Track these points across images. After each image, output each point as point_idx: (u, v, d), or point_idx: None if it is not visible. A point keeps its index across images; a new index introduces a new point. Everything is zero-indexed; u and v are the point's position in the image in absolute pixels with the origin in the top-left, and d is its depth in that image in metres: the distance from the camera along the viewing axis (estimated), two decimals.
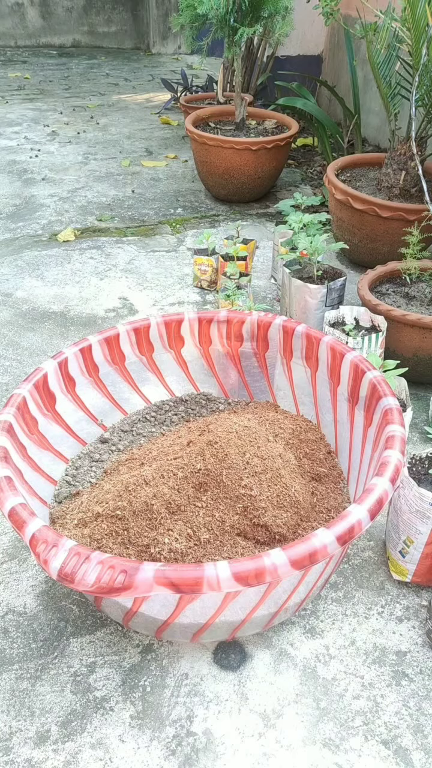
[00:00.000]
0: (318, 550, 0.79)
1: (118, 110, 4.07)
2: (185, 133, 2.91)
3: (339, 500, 1.15)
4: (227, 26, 2.39)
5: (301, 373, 1.33)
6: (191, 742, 0.89)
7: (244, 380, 1.43)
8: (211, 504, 1.00)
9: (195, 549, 0.96)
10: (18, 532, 0.83)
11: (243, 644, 1.02)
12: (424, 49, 1.77)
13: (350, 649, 1.02)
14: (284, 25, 2.54)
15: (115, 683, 0.96)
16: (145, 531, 0.96)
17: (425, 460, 1.12)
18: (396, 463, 0.92)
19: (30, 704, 0.94)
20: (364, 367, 1.16)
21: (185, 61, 5.57)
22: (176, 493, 1.00)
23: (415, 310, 1.60)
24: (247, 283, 1.82)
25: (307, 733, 0.90)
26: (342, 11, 2.31)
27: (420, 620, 1.06)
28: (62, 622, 1.05)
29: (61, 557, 0.77)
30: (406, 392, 1.31)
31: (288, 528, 1.02)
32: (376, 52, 1.97)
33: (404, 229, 1.79)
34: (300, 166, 3.20)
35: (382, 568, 1.15)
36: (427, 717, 0.93)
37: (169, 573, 0.75)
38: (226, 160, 2.53)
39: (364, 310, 1.53)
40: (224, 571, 0.75)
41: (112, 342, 1.30)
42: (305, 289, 1.63)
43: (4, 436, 1.00)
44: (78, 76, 4.92)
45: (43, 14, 5.86)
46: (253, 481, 1.02)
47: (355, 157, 2.33)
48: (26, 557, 1.16)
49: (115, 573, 0.74)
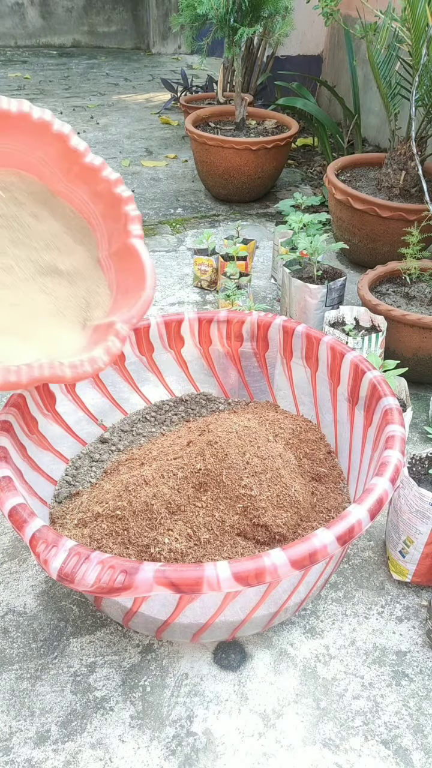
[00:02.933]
0: (318, 550, 0.79)
1: (118, 110, 4.07)
2: (185, 133, 2.91)
3: (339, 500, 1.15)
4: (227, 26, 2.39)
5: (301, 373, 1.33)
6: (191, 742, 0.89)
7: (244, 380, 1.43)
8: (211, 504, 1.00)
9: (195, 549, 0.96)
10: (18, 532, 0.83)
11: (243, 644, 1.02)
12: (424, 49, 1.77)
13: (350, 649, 1.02)
14: (284, 25, 2.54)
15: (115, 683, 0.96)
16: (145, 531, 0.96)
17: (425, 460, 1.12)
18: (396, 463, 0.92)
19: (30, 704, 0.94)
20: (364, 367, 1.16)
21: (185, 61, 5.57)
22: (176, 493, 1.00)
23: (415, 310, 1.60)
24: (247, 283, 1.82)
25: (307, 733, 0.90)
26: (342, 11, 2.31)
27: (420, 620, 1.06)
28: (62, 622, 1.05)
29: (61, 557, 0.77)
30: (406, 392, 1.31)
31: (288, 528, 1.02)
32: (376, 52, 1.98)
33: (404, 229, 1.79)
34: (300, 166, 3.20)
35: (382, 568, 1.15)
36: (427, 717, 0.93)
37: (169, 573, 0.75)
38: (226, 160, 2.53)
39: (364, 310, 1.53)
40: (224, 571, 0.75)
41: None
42: (305, 289, 1.63)
43: (4, 436, 1.00)
44: (78, 76, 4.92)
45: (43, 14, 5.86)
46: (253, 481, 1.02)
47: (355, 157, 2.33)
48: (26, 557, 1.16)
49: (115, 573, 0.74)
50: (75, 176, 1.07)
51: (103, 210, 1.08)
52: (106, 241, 1.11)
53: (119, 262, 1.09)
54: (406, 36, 1.83)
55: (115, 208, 1.06)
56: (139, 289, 1.03)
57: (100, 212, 1.09)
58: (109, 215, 1.08)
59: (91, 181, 1.06)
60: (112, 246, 1.10)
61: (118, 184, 1.05)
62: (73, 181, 1.07)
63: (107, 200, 1.07)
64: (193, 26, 2.53)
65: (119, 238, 1.08)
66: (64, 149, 1.03)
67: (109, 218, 1.08)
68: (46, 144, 1.02)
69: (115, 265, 1.10)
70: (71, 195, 1.09)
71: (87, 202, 1.09)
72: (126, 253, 1.07)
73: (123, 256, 1.08)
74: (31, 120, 0.97)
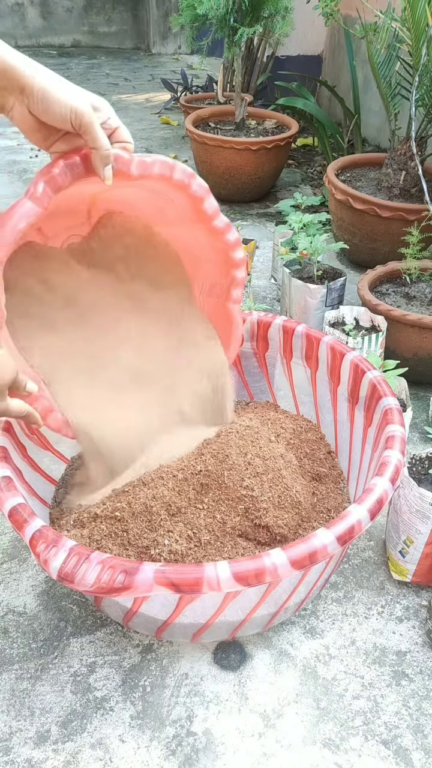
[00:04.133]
0: (318, 550, 0.79)
1: (118, 110, 4.07)
2: (185, 133, 2.91)
3: (339, 500, 1.15)
4: (227, 26, 2.39)
5: (301, 373, 1.33)
6: (191, 742, 0.89)
7: (244, 380, 1.43)
8: (212, 506, 1.00)
9: (195, 550, 0.95)
10: (18, 532, 0.83)
11: (243, 644, 1.02)
12: (424, 49, 1.77)
13: (350, 649, 1.02)
14: (284, 25, 2.54)
15: (115, 683, 0.96)
16: (145, 533, 0.96)
17: (425, 460, 1.12)
18: (396, 463, 0.92)
19: (30, 704, 0.94)
20: (364, 367, 1.16)
21: (185, 61, 5.57)
22: (176, 495, 1.00)
23: (415, 310, 1.60)
24: (247, 283, 1.82)
25: (307, 733, 0.90)
26: (342, 11, 2.31)
27: (420, 620, 1.06)
28: (62, 622, 1.05)
29: (61, 557, 0.77)
30: (406, 392, 1.31)
31: (289, 528, 1.02)
32: (376, 52, 1.98)
33: (404, 229, 1.79)
34: (300, 166, 3.20)
35: (382, 568, 1.15)
36: (427, 717, 0.93)
37: (169, 573, 0.75)
38: (226, 160, 2.53)
39: (364, 310, 1.53)
40: (224, 571, 0.75)
41: None
42: (305, 289, 1.63)
43: (4, 436, 1.00)
44: (78, 76, 4.92)
45: (43, 14, 5.86)
46: (255, 481, 1.01)
47: (355, 157, 2.33)
48: (26, 557, 1.16)
49: (115, 573, 0.74)
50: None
51: (214, 260, 1.09)
52: (208, 285, 1.12)
53: (211, 314, 1.13)
54: (406, 36, 1.83)
55: (226, 264, 1.07)
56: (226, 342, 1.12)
57: (208, 259, 1.10)
58: (217, 268, 1.09)
59: (213, 237, 1.07)
60: (212, 296, 1.12)
61: (235, 246, 1.06)
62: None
63: (220, 255, 1.07)
64: (193, 26, 2.53)
65: (219, 294, 1.10)
66: (197, 210, 1.02)
67: (217, 271, 1.10)
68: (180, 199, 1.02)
69: (207, 312, 1.14)
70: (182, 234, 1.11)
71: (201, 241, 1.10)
72: (221, 312, 1.11)
73: (216, 311, 1.12)
74: (173, 181, 0.95)
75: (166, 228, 1.08)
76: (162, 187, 0.92)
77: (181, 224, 1.04)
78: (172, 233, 1.09)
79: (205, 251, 1.08)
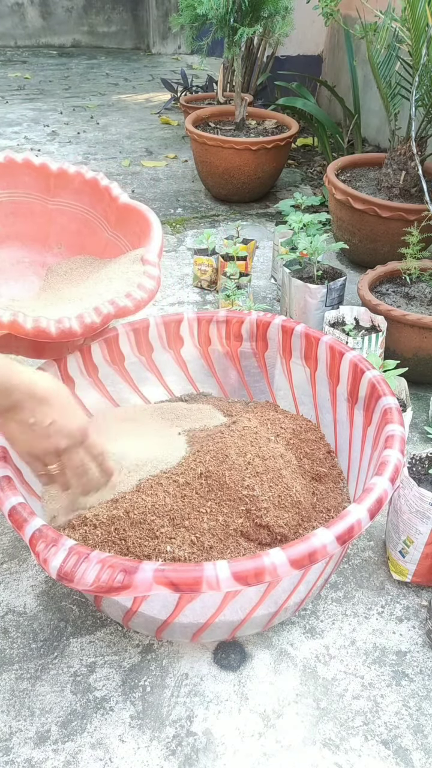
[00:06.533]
0: (317, 549, 0.79)
1: (118, 110, 4.07)
2: (185, 133, 2.91)
3: (339, 500, 1.15)
4: (227, 26, 2.39)
5: (301, 372, 1.33)
6: (191, 742, 0.89)
7: (244, 380, 1.43)
8: (215, 508, 0.99)
9: (198, 555, 0.95)
10: (18, 531, 0.83)
11: (243, 644, 1.02)
12: (424, 49, 1.77)
13: (350, 649, 1.02)
14: (284, 25, 2.54)
15: (115, 683, 0.96)
16: (146, 541, 0.95)
17: (425, 460, 1.12)
18: (396, 463, 0.92)
19: (30, 704, 0.94)
20: (364, 366, 1.16)
21: (185, 61, 5.57)
22: (180, 501, 0.99)
23: (415, 310, 1.60)
24: (247, 283, 1.82)
25: (307, 733, 0.90)
26: (342, 11, 2.31)
27: (420, 620, 1.06)
28: (62, 622, 1.05)
29: (60, 556, 0.77)
30: (406, 392, 1.31)
31: (289, 528, 1.02)
32: (376, 52, 1.97)
33: (404, 229, 1.79)
34: (300, 166, 3.20)
35: (382, 568, 1.15)
36: (427, 717, 0.93)
37: (169, 572, 0.75)
38: (226, 160, 2.53)
39: (364, 310, 1.53)
40: (224, 570, 0.75)
41: (111, 342, 1.30)
42: (305, 289, 1.63)
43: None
44: (78, 76, 4.92)
45: (43, 14, 5.86)
46: (255, 481, 1.01)
47: (355, 157, 2.33)
48: (26, 557, 1.16)
49: (114, 572, 0.74)
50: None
51: (89, 201, 1.31)
52: (105, 221, 1.24)
53: (122, 227, 1.24)
54: (406, 36, 1.83)
55: (97, 192, 1.28)
56: (147, 227, 1.24)
57: (89, 204, 1.25)
58: (96, 200, 1.29)
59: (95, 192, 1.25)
60: (110, 219, 1.23)
61: (101, 180, 1.33)
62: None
63: (95, 193, 1.28)
64: (193, 26, 2.53)
65: (112, 209, 1.23)
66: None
67: (96, 202, 1.29)
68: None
69: (122, 232, 1.24)
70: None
71: (89, 210, 1.25)
72: (124, 214, 1.23)
73: (122, 218, 1.23)
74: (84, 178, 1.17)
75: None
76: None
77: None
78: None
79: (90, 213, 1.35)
